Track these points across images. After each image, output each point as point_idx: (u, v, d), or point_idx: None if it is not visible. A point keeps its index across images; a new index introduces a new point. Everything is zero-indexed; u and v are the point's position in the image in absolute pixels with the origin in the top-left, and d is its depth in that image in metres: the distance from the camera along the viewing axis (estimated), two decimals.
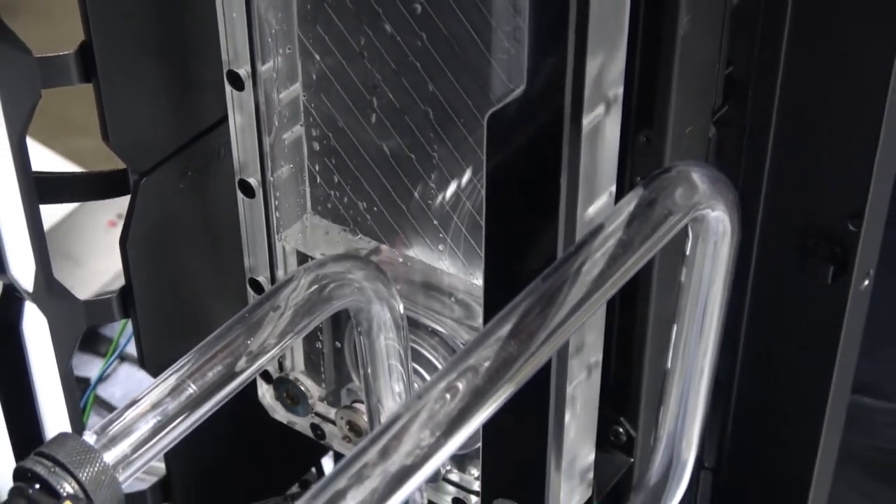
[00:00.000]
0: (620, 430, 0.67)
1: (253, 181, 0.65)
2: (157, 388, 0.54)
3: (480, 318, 0.61)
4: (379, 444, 0.46)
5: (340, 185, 0.65)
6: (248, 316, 0.57)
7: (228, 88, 0.63)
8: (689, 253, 0.58)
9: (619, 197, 0.56)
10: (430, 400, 0.47)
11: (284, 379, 0.72)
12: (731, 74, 0.62)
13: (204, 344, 0.55)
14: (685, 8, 0.56)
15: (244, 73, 0.62)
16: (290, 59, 0.63)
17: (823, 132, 0.62)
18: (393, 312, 0.61)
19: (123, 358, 1.07)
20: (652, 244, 0.54)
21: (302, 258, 0.67)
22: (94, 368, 1.08)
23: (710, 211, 0.56)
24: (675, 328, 0.60)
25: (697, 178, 0.55)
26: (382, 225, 0.65)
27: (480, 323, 0.62)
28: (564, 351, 0.58)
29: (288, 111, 0.64)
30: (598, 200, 0.56)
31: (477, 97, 0.58)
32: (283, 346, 0.57)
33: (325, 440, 0.72)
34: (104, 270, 1.26)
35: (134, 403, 0.53)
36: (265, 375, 0.72)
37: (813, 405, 0.68)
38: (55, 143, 1.36)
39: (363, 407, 0.68)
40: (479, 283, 0.62)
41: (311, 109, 0.64)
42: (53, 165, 1.33)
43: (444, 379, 0.48)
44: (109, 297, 0.68)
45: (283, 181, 0.65)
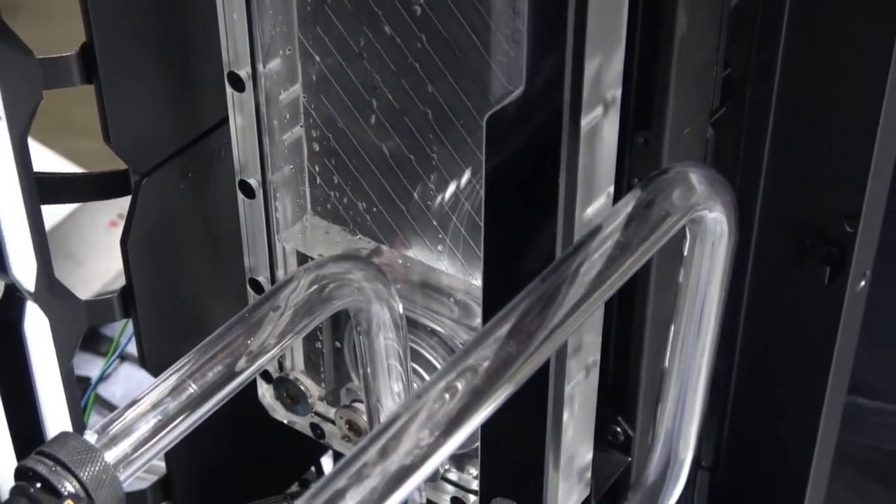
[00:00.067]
0: (618, 429, 0.67)
1: (253, 182, 0.65)
2: (157, 387, 0.54)
3: (479, 318, 0.61)
4: (378, 443, 0.46)
5: (340, 185, 0.65)
6: (248, 316, 0.57)
7: (229, 90, 0.63)
8: (686, 253, 0.58)
9: (617, 198, 0.56)
10: (429, 400, 0.47)
11: (284, 378, 0.72)
12: (728, 76, 0.63)
13: (204, 344, 0.55)
14: (683, 10, 0.57)
15: (244, 74, 0.62)
16: (290, 60, 0.63)
17: (820, 133, 0.62)
18: (392, 312, 0.61)
19: (124, 357, 1.07)
20: (650, 245, 0.54)
21: (302, 258, 0.67)
22: (94, 368, 1.08)
23: (707, 212, 0.56)
24: (672, 328, 0.60)
25: (695, 179, 0.55)
26: (382, 225, 0.65)
27: (479, 323, 0.62)
28: (563, 351, 0.58)
29: (288, 112, 0.64)
30: (596, 201, 0.56)
31: (476, 98, 0.58)
32: (283, 346, 0.57)
33: (324, 439, 0.72)
34: (105, 270, 1.26)
35: (134, 403, 0.53)
36: (265, 375, 0.72)
37: (809, 405, 0.68)
38: (56, 143, 1.36)
39: (362, 406, 0.68)
40: (477, 283, 0.62)
41: (311, 110, 0.64)
42: (55, 166, 1.33)
43: (443, 379, 0.48)
44: (110, 297, 0.68)
45: (283, 182, 0.65)
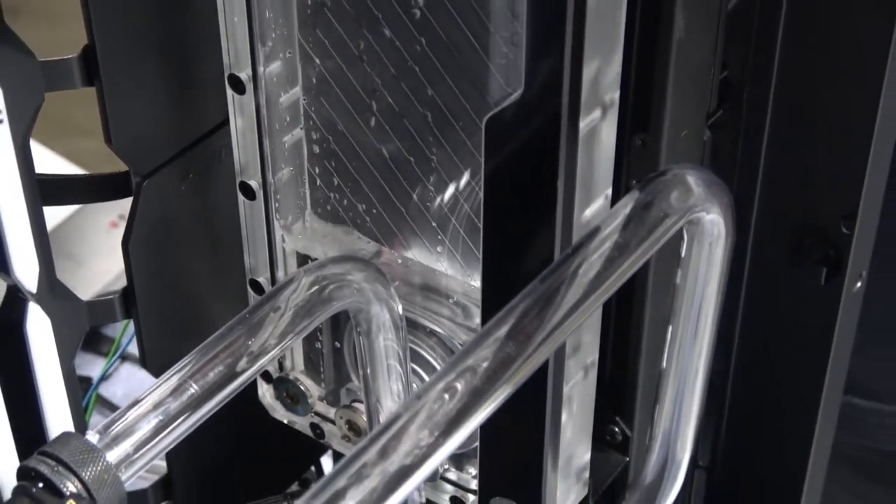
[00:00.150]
0: (616, 429, 0.67)
1: (254, 183, 0.65)
2: (158, 388, 0.54)
3: (478, 319, 0.61)
4: (378, 443, 0.46)
5: (340, 187, 0.65)
6: (248, 317, 0.57)
7: (229, 92, 0.63)
8: (684, 255, 0.58)
9: (615, 200, 0.56)
10: (428, 400, 0.48)
11: (284, 379, 0.72)
12: (725, 78, 0.63)
13: (205, 344, 0.55)
14: (680, 12, 0.57)
15: (245, 76, 0.62)
16: (290, 62, 0.63)
17: (817, 135, 0.62)
18: (392, 313, 0.61)
19: (125, 357, 1.07)
20: (648, 246, 0.54)
21: (302, 259, 0.67)
22: (96, 368, 1.08)
23: (705, 214, 0.56)
24: (670, 329, 0.60)
25: (693, 181, 0.55)
26: (382, 227, 0.65)
27: (478, 324, 0.62)
28: (561, 351, 0.58)
29: (288, 114, 0.64)
30: (594, 203, 0.56)
31: (475, 101, 0.59)
32: (283, 346, 0.57)
33: (324, 439, 0.72)
34: (106, 271, 1.26)
35: (136, 403, 0.53)
36: (265, 375, 0.72)
37: (806, 405, 0.68)
38: (58, 144, 1.36)
39: (362, 406, 0.68)
40: (476, 284, 0.62)
41: (311, 113, 0.64)
42: (56, 167, 1.33)
43: (442, 379, 0.48)
44: (111, 297, 0.68)
45: (283, 183, 0.66)
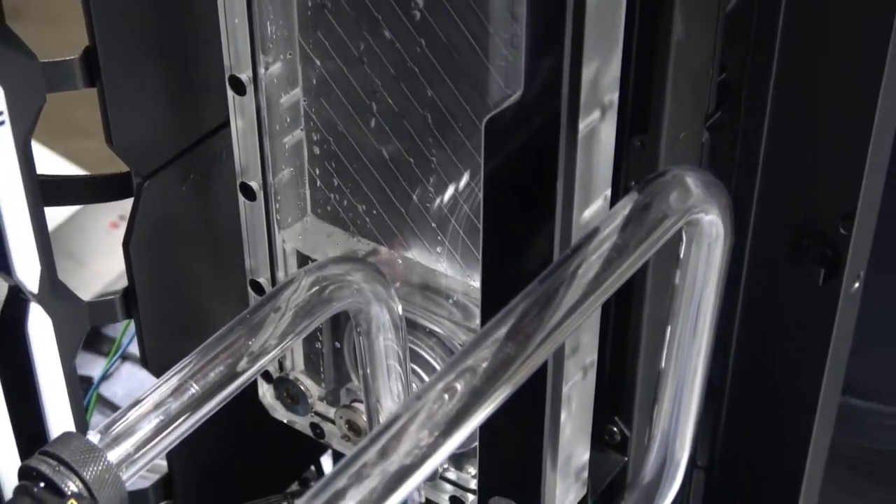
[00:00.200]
0: (615, 429, 0.68)
1: (254, 184, 0.65)
2: (159, 388, 0.54)
3: (478, 319, 0.62)
4: (378, 443, 0.46)
5: (340, 188, 0.65)
6: (249, 317, 0.57)
7: (230, 93, 0.63)
8: (683, 256, 0.58)
9: (614, 201, 0.57)
10: (428, 400, 0.48)
11: (284, 379, 0.72)
12: (724, 80, 0.63)
13: (206, 345, 0.56)
14: (679, 15, 0.57)
15: (246, 78, 0.62)
16: (290, 64, 0.63)
17: (815, 136, 0.62)
18: (392, 314, 0.61)
19: (126, 357, 1.07)
20: (647, 247, 0.54)
21: (302, 260, 0.67)
22: (96, 368, 1.08)
23: (703, 215, 0.56)
24: (668, 329, 0.60)
25: (691, 182, 0.55)
26: (382, 227, 0.65)
27: (478, 324, 0.62)
28: (560, 352, 0.59)
29: (288, 115, 0.64)
30: (593, 204, 0.56)
31: (475, 102, 0.59)
32: (283, 346, 0.57)
33: (324, 439, 0.73)
34: (106, 271, 1.26)
35: (137, 403, 0.53)
36: (265, 375, 0.72)
37: (804, 405, 0.68)
38: (59, 145, 1.36)
39: (362, 406, 0.68)
40: (476, 285, 0.62)
41: (311, 114, 0.64)
42: (57, 168, 1.33)
43: (442, 380, 0.48)
44: (113, 298, 0.69)
45: (283, 184, 0.66)
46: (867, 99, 0.60)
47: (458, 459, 0.68)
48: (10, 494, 0.50)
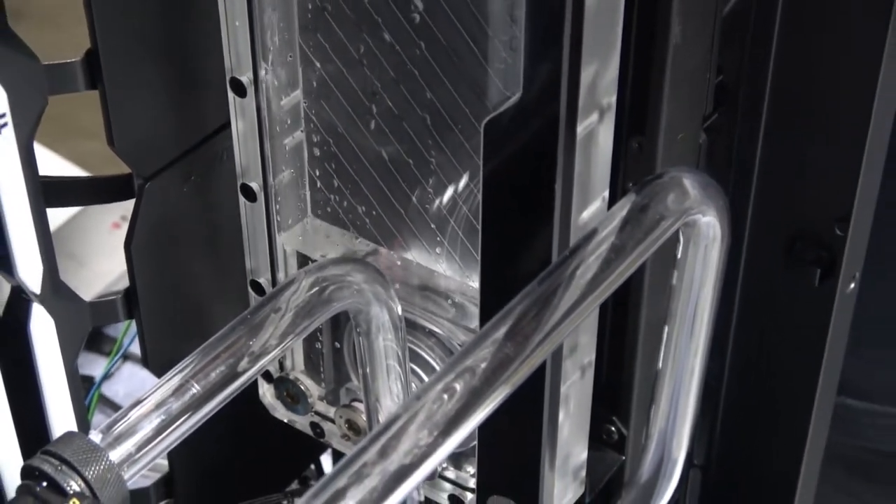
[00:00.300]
0: (613, 428, 0.68)
1: (255, 185, 0.66)
2: (160, 388, 0.54)
3: (477, 320, 0.62)
4: (378, 443, 0.46)
5: (340, 189, 0.66)
6: (249, 317, 0.57)
7: (231, 95, 0.63)
8: (680, 257, 0.58)
9: (612, 202, 0.57)
10: (428, 400, 0.48)
11: (285, 378, 0.72)
12: (721, 82, 0.63)
13: (207, 345, 0.56)
14: (677, 17, 0.57)
15: (246, 80, 0.63)
16: (291, 66, 0.63)
17: (811, 138, 0.62)
18: (391, 314, 0.61)
19: (127, 357, 1.07)
20: (644, 248, 0.54)
21: (302, 260, 0.67)
22: (98, 367, 1.08)
23: (701, 216, 0.56)
24: (666, 330, 0.61)
25: (689, 183, 0.55)
26: (381, 228, 0.65)
27: (477, 325, 0.62)
28: (559, 352, 0.59)
29: (289, 117, 0.64)
30: (591, 206, 0.57)
31: (474, 104, 0.59)
32: (283, 346, 0.57)
33: (324, 438, 0.73)
34: (108, 271, 1.26)
35: (138, 403, 0.53)
36: (266, 375, 0.72)
37: (800, 405, 0.68)
38: (61, 147, 1.36)
39: (362, 406, 0.68)
40: (475, 285, 0.63)
41: (311, 115, 0.64)
42: (59, 169, 1.33)
43: (441, 380, 0.49)
44: (114, 298, 0.69)
45: (283, 185, 0.66)
46: (863, 100, 0.60)
47: (457, 458, 0.68)
48: (12, 493, 0.50)
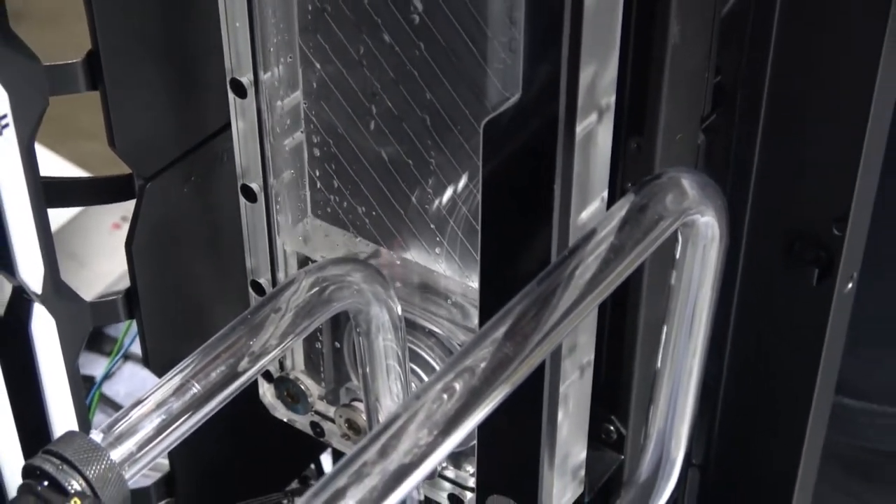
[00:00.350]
0: (612, 428, 0.68)
1: (255, 186, 0.66)
2: (161, 387, 0.54)
3: (476, 319, 0.62)
4: (378, 443, 0.46)
5: (340, 189, 0.66)
6: (250, 317, 0.57)
7: (231, 96, 0.64)
8: (678, 257, 0.58)
9: (610, 202, 0.57)
10: (427, 400, 0.48)
11: (285, 378, 0.72)
12: (719, 83, 0.63)
13: (207, 344, 0.56)
14: (675, 18, 0.57)
15: (247, 81, 0.63)
16: (291, 67, 0.63)
17: (809, 139, 0.62)
18: (391, 314, 0.61)
19: (127, 357, 1.07)
20: (643, 248, 0.54)
21: (302, 261, 0.67)
22: (99, 367, 1.09)
23: (699, 216, 0.56)
24: (664, 330, 0.61)
25: (687, 184, 0.56)
26: (381, 228, 0.65)
27: (476, 325, 0.62)
28: (558, 352, 0.59)
29: (289, 118, 0.64)
30: (590, 206, 0.57)
31: (473, 105, 0.59)
32: (284, 346, 0.57)
33: (324, 438, 0.73)
34: (108, 272, 1.26)
35: (139, 402, 0.53)
36: (266, 375, 0.73)
37: (798, 405, 0.68)
38: (62, 147, 1.36)
39: (361, 405, 0.68)
40: (474, 285, 0.63)
41: (311, 116, 0.64)
42: (60, 170, 1.33)
43: (441, 379, 0.49)
44: (115, 298, 0.69)
45: (284, 186, 0.66)
46: (861, 101, 0.60)
47: (456, 458, 0.68)
48: (14, 493, 0.50)
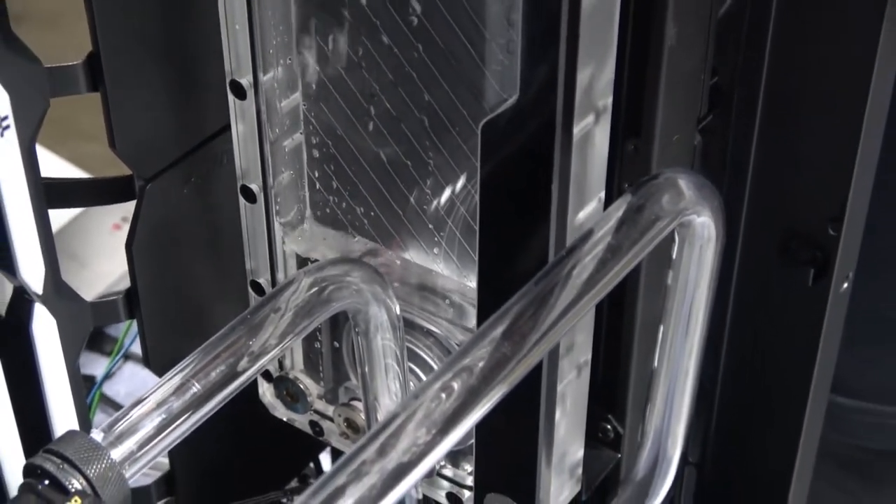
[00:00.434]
0: (608, 426, 0.68)
1: (254, 187, 0.66)
2: (161, 387, 0.54)
3: (474, 319, 0.62)
4: (377, 442, 0.47)
5: (339, 190, 0.66)
6: (249, 317, 0.57)
7: (231, 97, 0.64)
8: (675, 257, 0.58)
9: (608, 203, 0.57)
10: (426, 399, 0.48)
11: (284, 377, 0.72)
12: (715, 84, 0.63)
13: (207, 344, 0.56)
14: (672, 20, 0.57)
15: (246, 82, 0.63)
16: (290, 69, 0.63)
17: (804, 140, 0.62)
18: (389, 314, 0.62)
19: (128, 356, 1.07)
20: (640, 249, 0.54)
21: (302, 261, 0.67)
22: (99, 367, 1.09)
23: (695, 216, 0.56)
24: (661, 329, 0.61)
25: (684, 184, 0.56)
26: (380, 229, 0.65)
27: (474, 324, 0.62)
28: (555, 351, 0.59)
29: (288, 119, 0.64)
30: (587, 206, 0.57)
31: (471, 106, 0.59)
32: (283, 346, 0.57)
33: (323, 437, 0.73)
34: (109, 272, 1.26)
35: (139, 402, 0.53)
36: (266, 374, 0.73)
37: (793, 404, 0.68)
38: (63, 149, 1.36)
39: (360, 405, 0.69)
40: (472, 285, 0.63)
41: (310, 118, 0.64)
42: (61, 171, 1.33)
43: (439, 379, 0.49)
44: (115, 298, 0.69)
45: (283, 187, 0.66)
46: (856, 102, 0.60)
47: (454, 457, 0.68)
48: (14, 492, 0.51)
